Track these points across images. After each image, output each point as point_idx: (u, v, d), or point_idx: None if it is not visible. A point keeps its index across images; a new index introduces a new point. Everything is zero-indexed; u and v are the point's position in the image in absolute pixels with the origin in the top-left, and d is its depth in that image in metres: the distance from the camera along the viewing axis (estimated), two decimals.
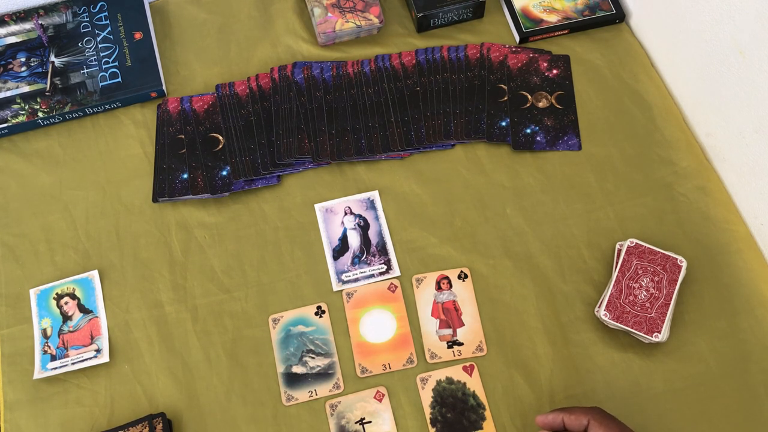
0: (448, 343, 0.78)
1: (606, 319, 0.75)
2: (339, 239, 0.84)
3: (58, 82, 0.91)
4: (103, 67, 0.92)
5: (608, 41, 0.94)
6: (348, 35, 0.95)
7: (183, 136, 0.89)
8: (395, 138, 0.88)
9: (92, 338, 0.79)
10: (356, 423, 0.74)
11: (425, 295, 0.80)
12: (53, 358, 0.78)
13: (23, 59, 0.93)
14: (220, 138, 0.89)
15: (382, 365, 0.77)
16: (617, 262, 0.78)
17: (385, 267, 0.82)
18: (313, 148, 0.87)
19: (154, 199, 0.86)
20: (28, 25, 0.95)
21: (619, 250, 0.79)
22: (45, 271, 0.83)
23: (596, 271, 0.80)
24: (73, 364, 0.77)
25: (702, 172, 0.85)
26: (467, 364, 0.76)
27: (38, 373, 0.77)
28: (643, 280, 0.76)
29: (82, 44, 0.94)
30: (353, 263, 0.82)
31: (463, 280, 0.81)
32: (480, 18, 0.97)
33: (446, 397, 0.75)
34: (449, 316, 0.79)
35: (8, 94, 0.91)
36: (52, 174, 0.89)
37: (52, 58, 0.93)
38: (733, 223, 0.82)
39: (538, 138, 0.88)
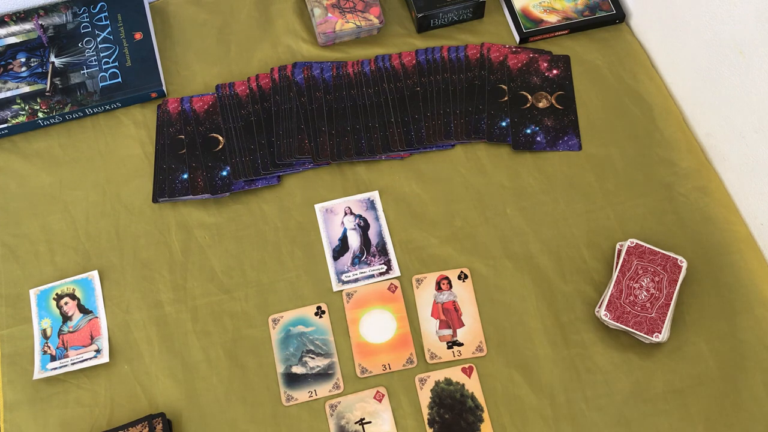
0: (448, 343, 0.78)
1: (606, 319, 0.75)
2: (339, 239, 0.84)
3: (58, 82, 0.91)
4: (103, 67, 0.92)
5: (608, 41, 0.94)
6: (348, 35, 0.95)
7: (183, 137, 0.89)
8: (395, 138, 0.88)
9: (92, 338, 0.79)
10: (356, 423, 0.74)
11: (425, 295, 0.80)
12: (53, 358, 0.78)
13: (23, 59, 0.93)
14: (220, 138, 0.89)
15: (382, 365, 0.77)
16: (617, 263, 0.78)
17: (385, 267, 0.82)
18: (313, 148, 0.87)
19: (154, 200, 0.86)
20: (28, 26, 0.95)
21: (620, 251, 0.79)
22: (45, 271, 0.83)
23: (596, 272, 0.80)
24: (72, 364, 0.77)
25: (702, 172, 0.85)
26: (466, 365, 0.76)
27: (38, 374, 0.77)
28: (643, 281, 0.76)
29: (82, 44, 0.94)
30: (353, 263, 0.82)
31: (463, 281, 0.80)
32: (480, 18, 0.97)
33: (444, 398, 0.75)
34: (449, 316, 0.79)
35: (8, 94, 0.91)
36: (52, 174, 0.89)
37: (52, 58, 0.93)
38: (733, 223, 0.82)
39: (538, 138, 0.88)
